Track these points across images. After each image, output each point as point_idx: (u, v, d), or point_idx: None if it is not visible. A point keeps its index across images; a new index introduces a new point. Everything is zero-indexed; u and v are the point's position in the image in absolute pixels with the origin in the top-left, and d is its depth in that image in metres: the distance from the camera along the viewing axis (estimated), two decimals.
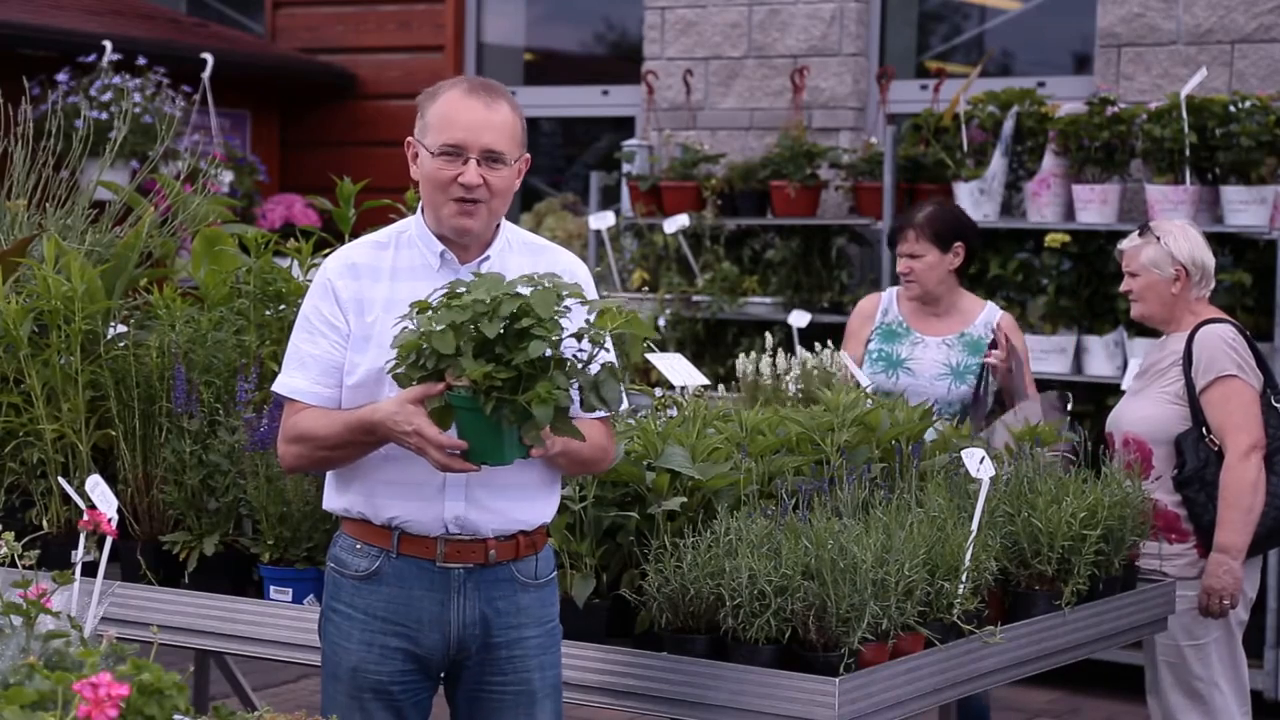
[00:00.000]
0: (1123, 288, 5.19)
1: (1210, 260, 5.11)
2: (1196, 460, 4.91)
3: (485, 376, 3.14)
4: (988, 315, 5.58)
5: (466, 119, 3.43)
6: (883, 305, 5.68)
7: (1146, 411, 4.98)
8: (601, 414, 3.49)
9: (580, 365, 3.25)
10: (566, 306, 3.22)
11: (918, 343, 5.53)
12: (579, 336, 3.26)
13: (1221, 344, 4.97)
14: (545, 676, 3.57)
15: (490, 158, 3.43)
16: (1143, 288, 5.10)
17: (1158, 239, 5.06)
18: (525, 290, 3.19)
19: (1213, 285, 5.14)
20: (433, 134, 3.45)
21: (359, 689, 3.51)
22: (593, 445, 3.48)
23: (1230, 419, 4.91)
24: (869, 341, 5.59)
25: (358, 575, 3.52)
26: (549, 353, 3.17)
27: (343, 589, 3.55)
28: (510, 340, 3.17)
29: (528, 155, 3.54)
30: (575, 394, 3.24)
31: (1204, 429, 4.93)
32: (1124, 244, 5.19)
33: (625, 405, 3.64)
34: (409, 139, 3.52)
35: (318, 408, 3.48)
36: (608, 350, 3.30)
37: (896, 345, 5.54)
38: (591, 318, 3.29)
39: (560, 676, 3.63)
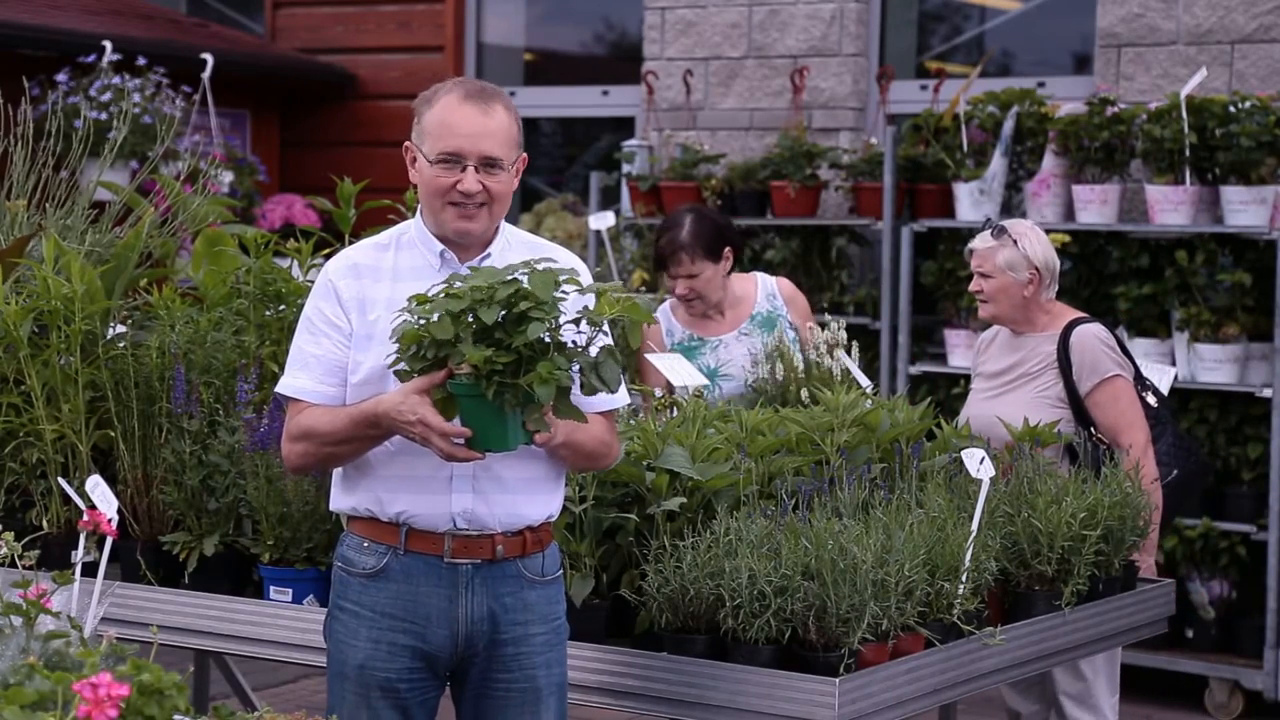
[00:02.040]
0: (973, 288, 5.20)
1: (1057, 262, 5.17)
2: (1090, 463, 4.89)
3: (486, 361, 3.17)
4: (765, 287, 5.58)
5: (463, 127, 3.44)
6: (665, 328, 5.59)
7: (1029, 415, 4.85)
8: (604, 408, 3.51)
9: (580, 348, 3.27)
10: (564, 293, 3.24)
11: (718, 345, 5.51)
12: (577, 322, 3.28)
13: (1100, 345, 5.02)
14: (551, 674, 3.58)
15: (488, 164, 3.45)
16: (995, 290, 5.11)
17: (1014, 241, 5.08)
18: (522, 276, 3.22)
19: (1057, 286, 5.17)
20: (430, 141, 3.47)
21: (366, 687, 3.51)
22: (596, 439, 3.50)
23: (1123, 418, 4.95)
24: None
25: (365, 573, 3.53)
26: (548, 336, 3.20)
27: (350, 587, 3.55)
28: (509, 325, 3.20)
29: (524, 155, 3.56)
30: (576, 375, 3.26)
31: (1090, 429, 4.95)
32: (975, 244, 5.19)
33: (627, 400, 3.65)
34: (407, 143, 3.53)
35: (322, 406, 3.49)
36: (606, 334, 3.32)
37: (700, 359, 5.48)
38: (590, 304, 3.32)
39: (565, 675, 3.64)
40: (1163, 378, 5.30)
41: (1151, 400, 5.07)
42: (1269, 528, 6.85)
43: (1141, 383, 5.08)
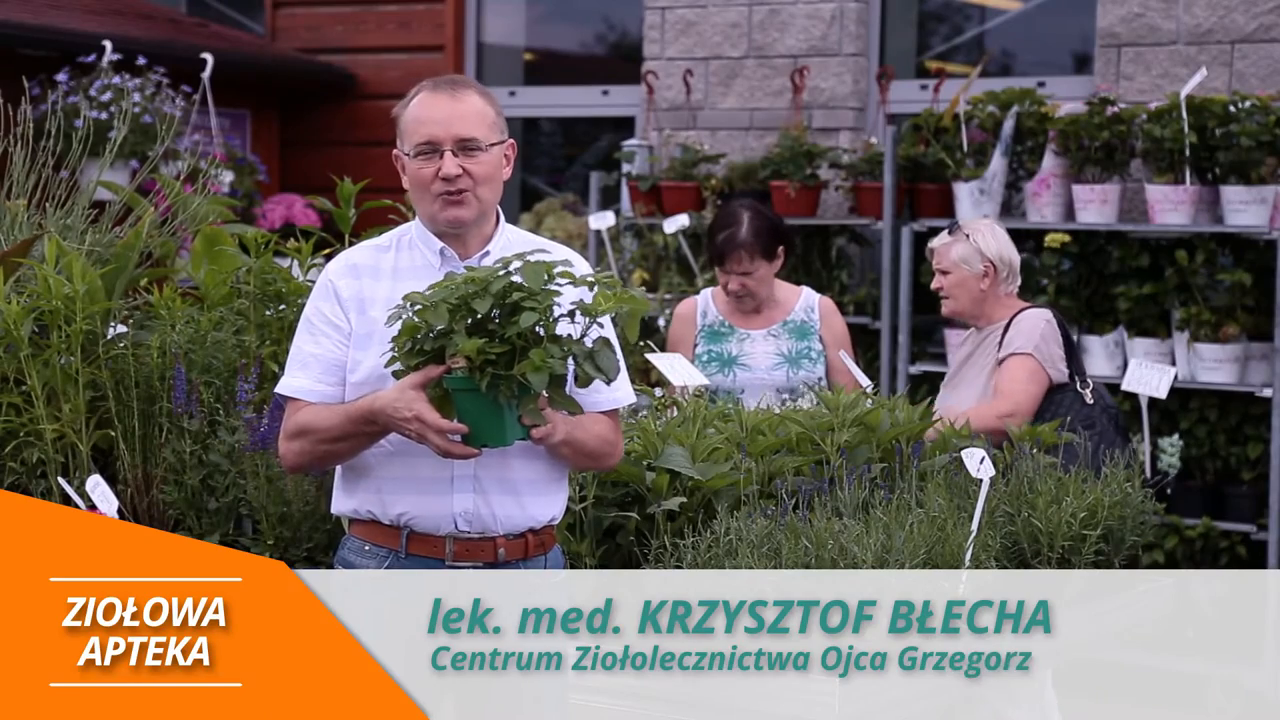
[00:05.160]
0: (934, 285, 5.31)
1: (1016, 258, 5.23)
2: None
3: (479, 351, 3.18)
4: (806, 300, 5.66)
5: (435, 114, 3.48)
6: (701, 308, 5.72)
7: (968, 401, 4.95)
8: (607, 407, 3.52)
9: (575, 338, 3.28)
10: (558, 286, 3.26)
11: (744, 338, 5.60)
12: (572, 315, 3.29)
13: (1037, 325, 5.06)
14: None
15: (465, 147, 3.47)
16: (953, 284, 5.22)
17: (967, 237, 5.19)
18: (515, 269, 3.25)
19: (1019, 281, 5.24)
20: (408, 139, 3.51)
21: None
22: (598, 437, 3.50)
23: (1005, 386, 4.98)
24: (695, 345, 5.65)
25: None
26: (541, 327, 3.21)
27: None
28: (503, 317, 3.22)
29: (512, 140, 3.58)
30: (571, 367, 3.27)
31: None
32: (934, 242, 5.31)
33: (632, 399, 3.65)
34: (394, 152, 3.56)
35: (319, 404, 3.49)
36: (601, 325, 3.33)
37: (724, 344, 5.60)
38: (584, 296, 3.33)
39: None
40: (1163, 378, 5.30)
41: (1089, 398, 5.07)
42: (1269, 528, 6.85)
43: (1082, 381, 5.08)
